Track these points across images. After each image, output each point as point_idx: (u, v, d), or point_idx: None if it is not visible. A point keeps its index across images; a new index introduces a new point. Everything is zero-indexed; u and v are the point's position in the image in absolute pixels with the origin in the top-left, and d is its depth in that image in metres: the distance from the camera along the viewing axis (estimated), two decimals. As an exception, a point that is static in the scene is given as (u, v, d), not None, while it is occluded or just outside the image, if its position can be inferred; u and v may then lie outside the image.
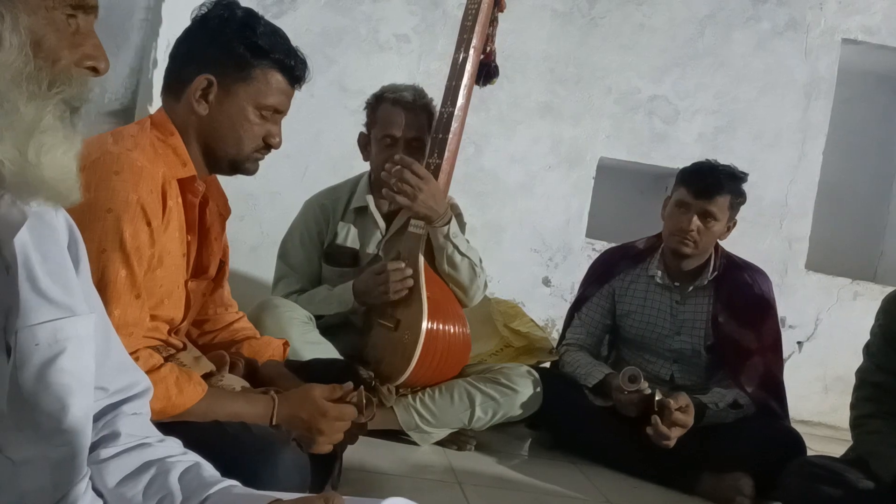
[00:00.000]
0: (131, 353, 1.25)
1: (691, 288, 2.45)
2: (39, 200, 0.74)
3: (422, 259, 2.20)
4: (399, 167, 2.13)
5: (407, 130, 2.28)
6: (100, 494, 0.89)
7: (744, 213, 2.49)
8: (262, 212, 3.38)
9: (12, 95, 0.69)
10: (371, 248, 2.40)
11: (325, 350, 2.14)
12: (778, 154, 3.65)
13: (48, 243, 0.81)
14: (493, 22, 2.23)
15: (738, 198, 2.38)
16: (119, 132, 1.38)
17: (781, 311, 2.66)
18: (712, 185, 2.33)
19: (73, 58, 0.75)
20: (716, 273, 2.43)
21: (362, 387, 1.53)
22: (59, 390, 0.78)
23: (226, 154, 1.43)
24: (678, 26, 3.61)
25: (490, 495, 1.99)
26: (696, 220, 2.33)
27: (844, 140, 3.85)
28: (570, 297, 3.19)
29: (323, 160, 3.37)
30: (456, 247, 2.23)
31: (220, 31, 1.39)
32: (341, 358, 2.11)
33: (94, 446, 0.90)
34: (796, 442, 2.22)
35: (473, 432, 2.30)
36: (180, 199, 1.37)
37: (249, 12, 1.43)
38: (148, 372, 1.26)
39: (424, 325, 2.11)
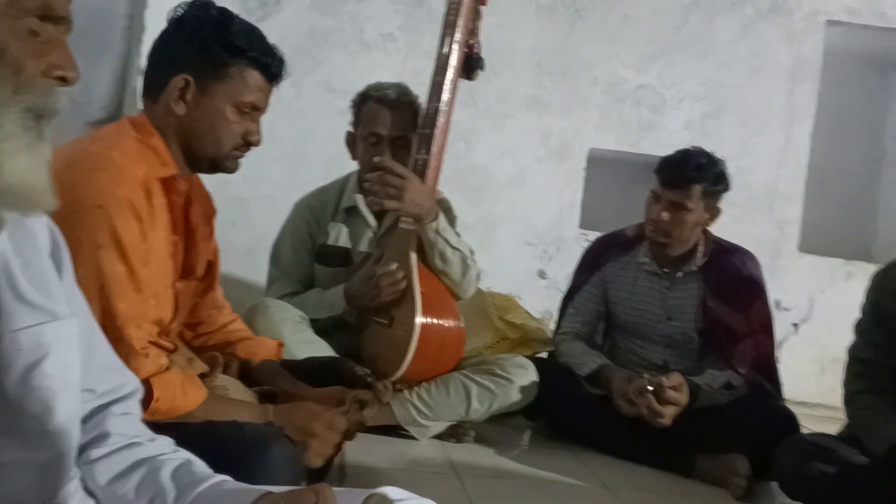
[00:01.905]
0: (142, 349, 1.26)
1: (681, 274, 2.46)
2: (6, 207, 0.74)
3: (413, 255, 2.22)
4: (381, 171, 2.14)
5: (391, 128, 2.29)
6: (92, 494, 0.90)
7: (734, 198, 2.50)
8: (255, 215, 3.38)
9: None
10: (363, 247, 2.41)
11: (320, 349, 2.15)
12: (766, 138, 3.66)
13: (28, 249, 0.81)
14: (476, 15, 2.24)
15: (714, 186, 2.36)
16: (96, 134, 1.40)
17: (775, 293, 2.68)
18: (680, 176, 2.33)
19: (39, 67, 0.75)
20: (705, 259, 2.44)
21: (356, 394, 1.54)
22: (43, 394, 0.79)
23: (205, 153, 1.44)
24: (662, 15, 3.62)
25: (489, 486, 2.00)
26: (664, 212, 2.34)
27: (833, 122, 3.85)
28: (566, 289, 3.20)
29: (314, 161, 3.37)
30: (447, 241, 2.24)
31: (195, 31, 1.40)
32: (336, 356, 2.12)
33: (85, 447, 0.91)
34: (790, 421, 2.24)
35: (471, 424, 2.31)
36: (164, 200, 1.38)
37: (224, 12, 1.44)
38: (156, 373, 1.27)
39: (418, 320, 2.12)
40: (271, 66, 1.44)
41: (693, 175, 2.32)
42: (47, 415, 0.79)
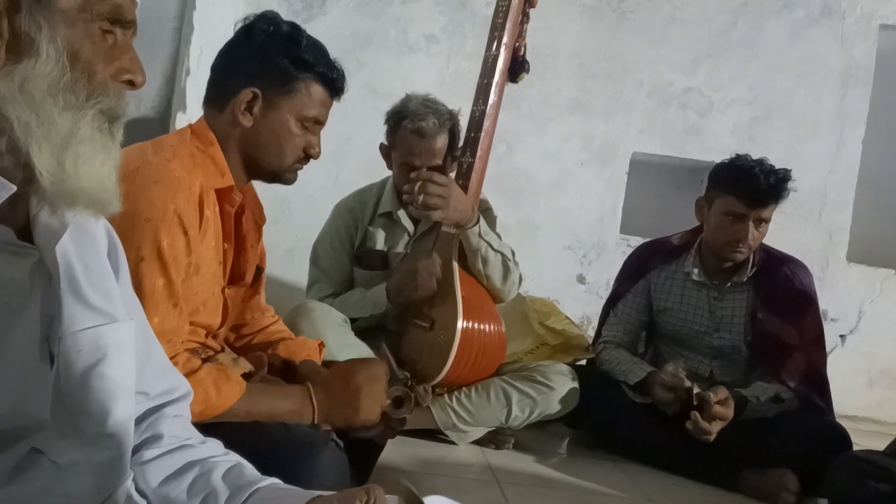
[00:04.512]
0: (170, 358, 1.27)
1: (729, 284, 2.40)
2: (78, 209, 0.75)
3: (456, 258, 2.20)
4: (421, 181, 2.12)
5: (427, 159, 2.24)
6: (143, 495, 0.90)
7: (782, 204, 2.44)
8: (297, 215, 3.40)
9: (47, 105, 0.70)
10: (400, 251, 2.40)
11: (361, 352, 2.14)
12: (816, 144, 3.58)
13: (88, 251, 0.82)
14: (524, 17, 2.22)
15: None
16: (159, 142, 1.41)
17: (823, 304, 2.61)
18: (768, 194, 2.24)
19: (109, 71, 0.76)
20: (755, 268, 2.38)
21: (385, 348, 1.54)
22: (101, 396, 0.79)
23: (267, 165, 1.47)
24: (710, 17, 3.56)
25: (530, 494, 1.98)
26: (752, 230, 2.27)
27: (885, 128, 3.75)
28: (606, 294, 3.16)
29: (355, 163, 3.39)
30: (489, 244, 2.22)
31: (265, 45, 1.41)
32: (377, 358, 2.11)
33: (137, 448, 0.91)
34: (842, 437, 2.17)
35: (511, 431, 2.29)
36: (217, 209, 1.39)
37: (293, 26, 1.46)
38: (186, 375, 1.27)
39: (459, 324, 2.11)
40: (336, 81, 1.46)
41: (780, 189, 2.25)
42: (104, 416, 0.80)
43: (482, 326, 2.17)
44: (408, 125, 2.25)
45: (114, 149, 0.75)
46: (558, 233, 3.57)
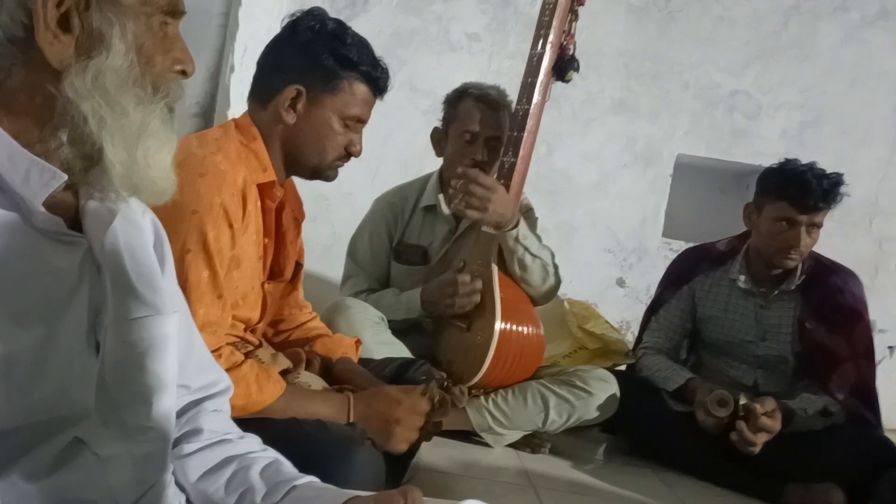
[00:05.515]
0: (214, 350, 1.27)
1: (776, 292, 2.34)
2: (140, 198, 0.77)
3: (495, 259, 2.18)
4: (464, 181, 2.10)
5: (488, 128, 2.25)
6: (182, 489, 0.90)
7: (832, 212, 2.37)
8: (335, 212, 3.41)
9: (122, 100, 0.72)
10: (440, 246, 2.38)
11: (398, 350, 2.13)
12: (868, 150, 3.48)
13: (135, 243, 0.82)
14: (573, 15, 2.18)
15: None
16: (203, 136, 1.41)
17: (871, 314, 2.52)
18: (821, 198, 2.18)
19: (165, 63, 0.77)
20: (803, 276, 2.31)
21: (434, 383, 1.53)
22: (143, 388, 0.79)
23: (308, 162, 1.47)
24: (760, 18, 3.48)
25: (566, 500, 1.95)
26: (804, 235, 2.21)
27: (941, 135, 3.63)
28: (646, 299, 3.10)
29: (394, 161, 3.38)
30: (526, 248, 2.19)
31: (310, 42, 1.42)
32: (413, 358, 2.09)
33: (177, 441, 0.91)
34: (891, 451, 2.10)
35: (547, 435, 2.25)
36: (259, 204, 1.40)
37: (339, 23, 1.46)
38: (229, 369, 1.28)
39: (497, 325, 2.08)
40: (379, 80, 1.46)
41: (833, 193, 2.19)
42: (147, 408, 0.80)
43: (521, 329, 2.14)
44: (473, 92, 2.29)
45: (175, 139, 0.77)
46: (598, 235, 3.53)
